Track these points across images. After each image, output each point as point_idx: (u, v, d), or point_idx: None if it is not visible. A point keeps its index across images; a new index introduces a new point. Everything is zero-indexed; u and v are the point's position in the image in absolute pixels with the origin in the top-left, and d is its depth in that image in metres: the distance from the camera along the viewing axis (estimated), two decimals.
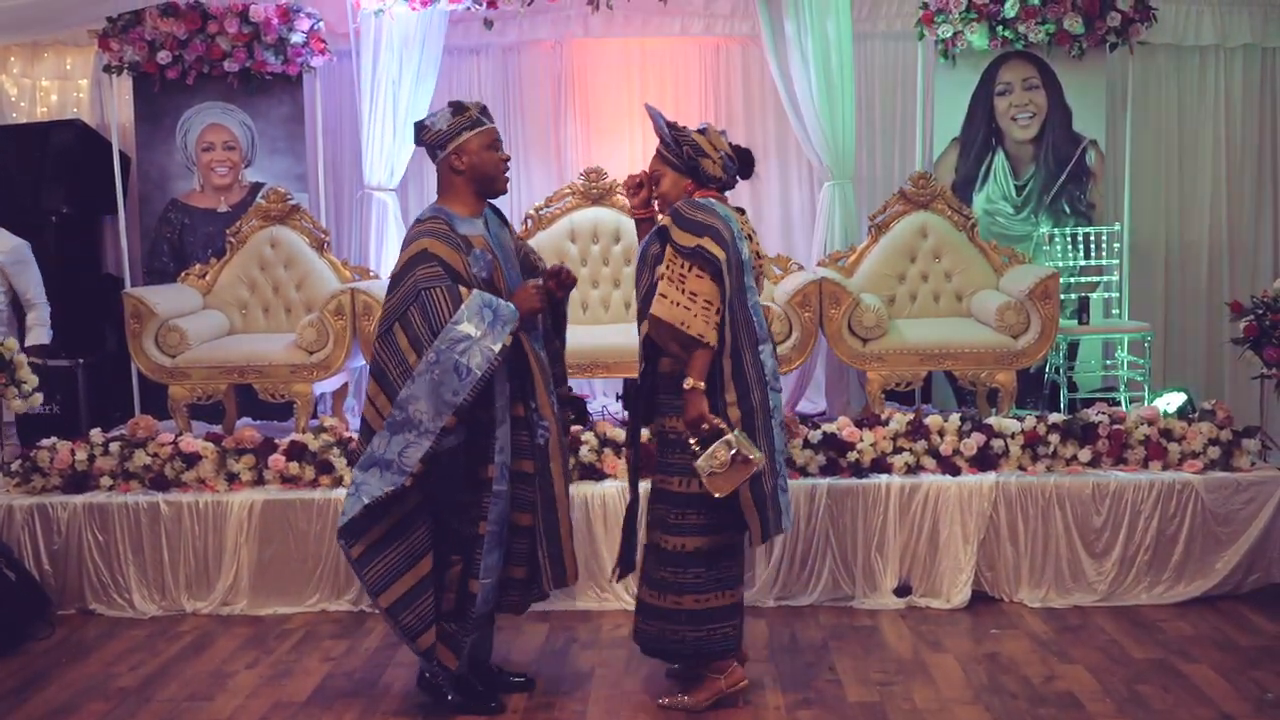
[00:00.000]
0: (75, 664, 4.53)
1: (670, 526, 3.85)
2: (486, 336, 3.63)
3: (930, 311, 6.16)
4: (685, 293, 3.66)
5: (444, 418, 3.62)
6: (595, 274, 6.38)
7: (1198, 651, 4.42)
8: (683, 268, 3.68)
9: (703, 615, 3.85)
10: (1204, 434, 5.15)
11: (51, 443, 5.32)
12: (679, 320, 3.65)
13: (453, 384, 3.61)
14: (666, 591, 3.86)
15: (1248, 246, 7.39)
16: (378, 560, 3.75)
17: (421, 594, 3.77)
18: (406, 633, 3.79)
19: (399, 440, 3.65)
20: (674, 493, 3.84)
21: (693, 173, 3.85)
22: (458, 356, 3.60)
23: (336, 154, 7.30)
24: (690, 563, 3.83)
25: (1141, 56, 6.98)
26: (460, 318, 3.62)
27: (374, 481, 3.67)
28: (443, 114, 3.85)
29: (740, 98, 7.38)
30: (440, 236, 3.73)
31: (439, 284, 3.65)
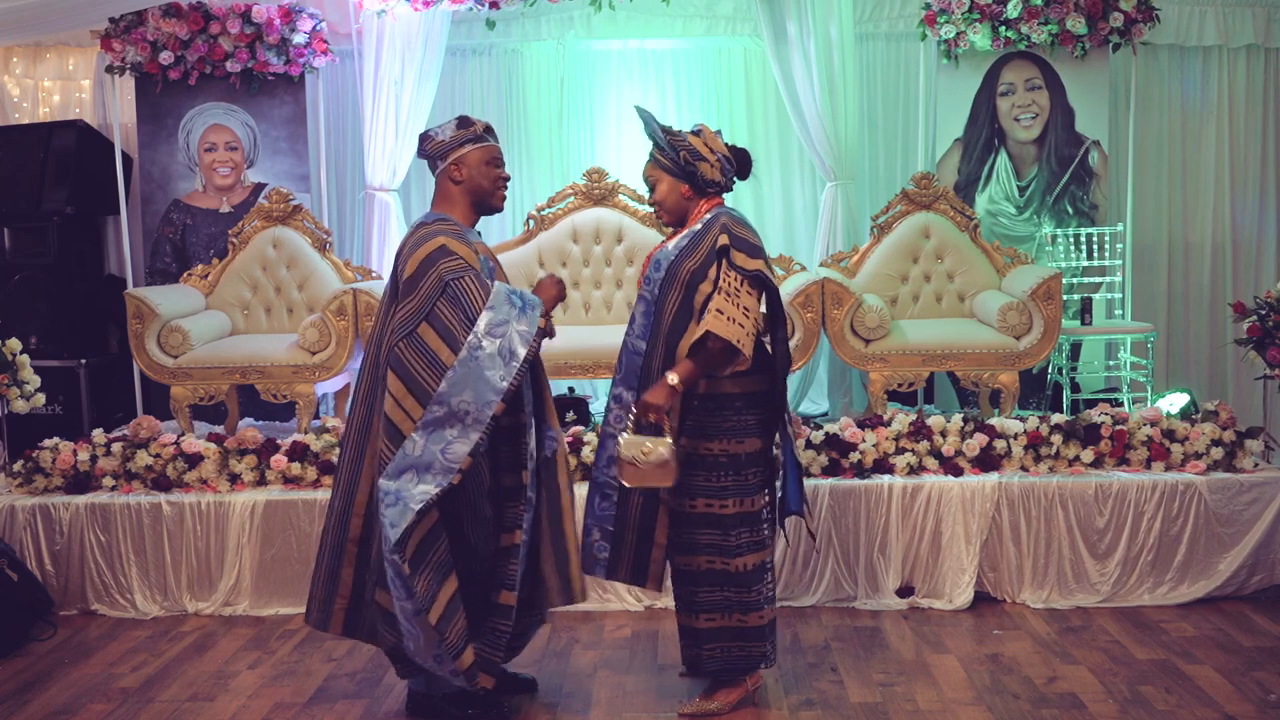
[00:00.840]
0: (77, 664, 4.53)
1: (730, 550, 3.79)
2: (519, 320, 3.56)
3: (933, 312, 6.15)
4: (740, 308, 3.64)
5: (493, 405, 3.50)
6: (597, 274, 6.38)
7: (1201, 653, 4.41)
8: (738, 282, 3.66)
9: (764, 631, 3.87)
10: (1207, 435, 5.15)
11: (54, 443, 5.33)
12: (735, 338, 3.59)
13: (499, 368, 3.51)
14: (732, 611, 3.83)
15: (1251, 247, 7.39)
16: (420, 576, 3.54)
17: (457, 610, 3.61)
18: (451, 651, 3.57)
19: (438, 438, 3.51)
20: (730, 515, 3.79)
21: (689, 178, 3.80)
22: (499, 339, 3.52)
23: (339, 154, 7.30)
24: (751, 581, 3.82)
25: (1144, 57, 6.98)
26: (493, 304, 3.56)
27: (412, 487, 3.50)
28: (448, 126, 3.82)
29: (742, 98, 7.38)
30: (454, 235, 3.69)
31: (466, 274, 3.58)
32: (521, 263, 6.38)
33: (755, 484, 3.83)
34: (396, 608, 3.57)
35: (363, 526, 3.75)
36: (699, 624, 3.86)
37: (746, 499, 3.80)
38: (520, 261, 6.38)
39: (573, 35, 7.24)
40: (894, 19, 7.22)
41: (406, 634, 3.60)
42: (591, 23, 7.09)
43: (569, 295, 6.38)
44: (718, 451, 3.77)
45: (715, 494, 3.78)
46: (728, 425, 3.76)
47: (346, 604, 3.81)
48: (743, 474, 3.79)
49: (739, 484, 3.79)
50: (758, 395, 3.80)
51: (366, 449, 3.73)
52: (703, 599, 3.84)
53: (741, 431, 3.78)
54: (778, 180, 7.42)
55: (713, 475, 3.78)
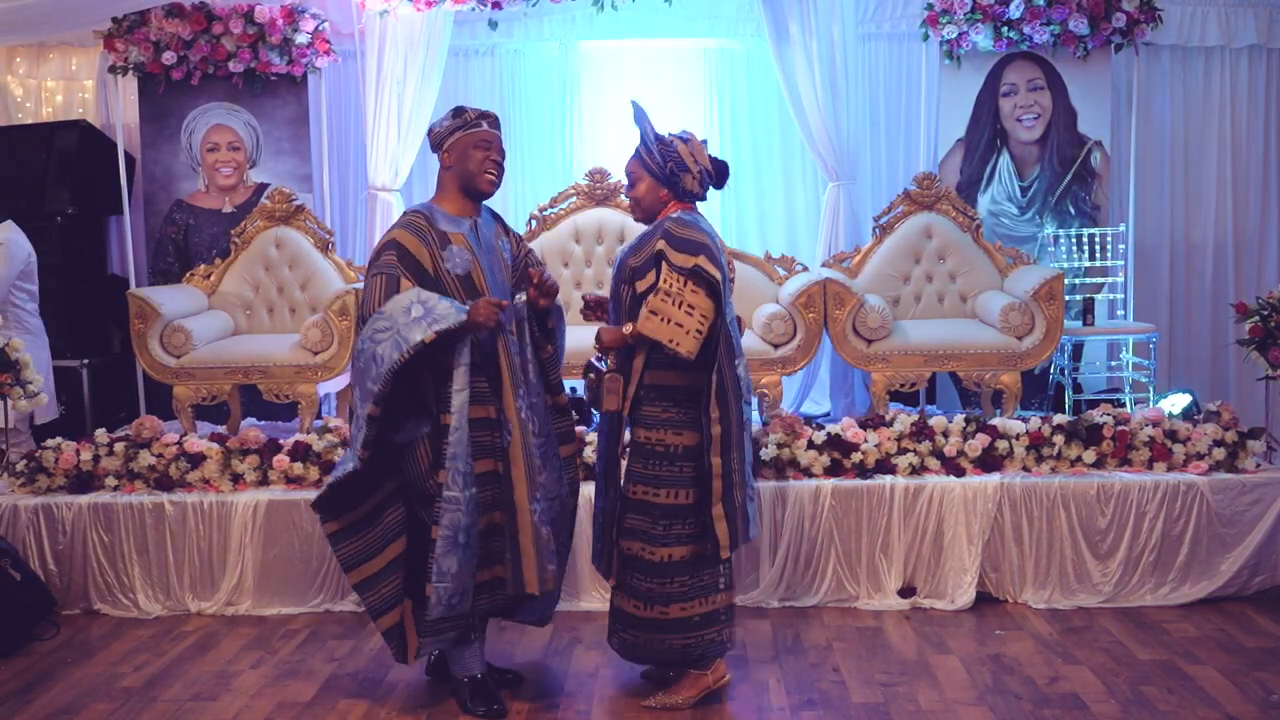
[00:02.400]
0: (80, 664, 4.53)
1: (656, 538, 3.88)
2: (406, 328, 3.66)
3: (935, 312, 6.15)
4: (682, 307, 3.71)
5: (367, 406, 3.71)
6: (599, 274, 6.38)
7: (1202, 653, 4.41)
8: (680, 282, 3.73)
9: (689, 623, 3.90)
10: (1209, 435, 5.14)
11: (57, 443, 5.33)
12: (668, 338, 3.70)
13: (371, 372, 3.71)
14: (653, 603, 3.89)
15: (1253, 247, 7.39)
16: (355, 539, 3.89)
17: (389, 575, 3.90)
18: (370, 611, 3.92)
19: (355, 424, 3.80)
20: (660, 504, 3.87)
21: (671, 185, 3.90)
22: (375, 346, 3.69)
23: (341, 154, 7.31)
24: (675, 572, 3.88)
25: (1146, 57, 6.98)
26: (387, 308, 3.72)
27: (343, 462, 3.86)
28: (445, 116, 3.97)
29: (745, 99, 7.38)
30: (412, 229, 3.84)
31: (382, 273, 3.77)
32: None
33: (689, 477, 3.86)
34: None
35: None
36: (628, 608, 3.95)
37: (678, 490, 3.85)
38: None
39: (575, 36, 7.25)
40: (896, 19, 7.23)
41: None
42: (594, 23, 7.09)
43: (570, 295, 6.38)
44: (655, 441, 3.86)
45: (650, 482, 3.87)
46: (667, 416, 3.84)
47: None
48: (676, 465, 3.85)
49: (671, 475, 3.85)
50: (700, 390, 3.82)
51: None
52: (633, 584, 3.93)
53: (679, 424, 3.84)
54: (780, 180, 7.42)
55: (649, 463, 3.87)
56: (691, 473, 3.86)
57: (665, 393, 3.85)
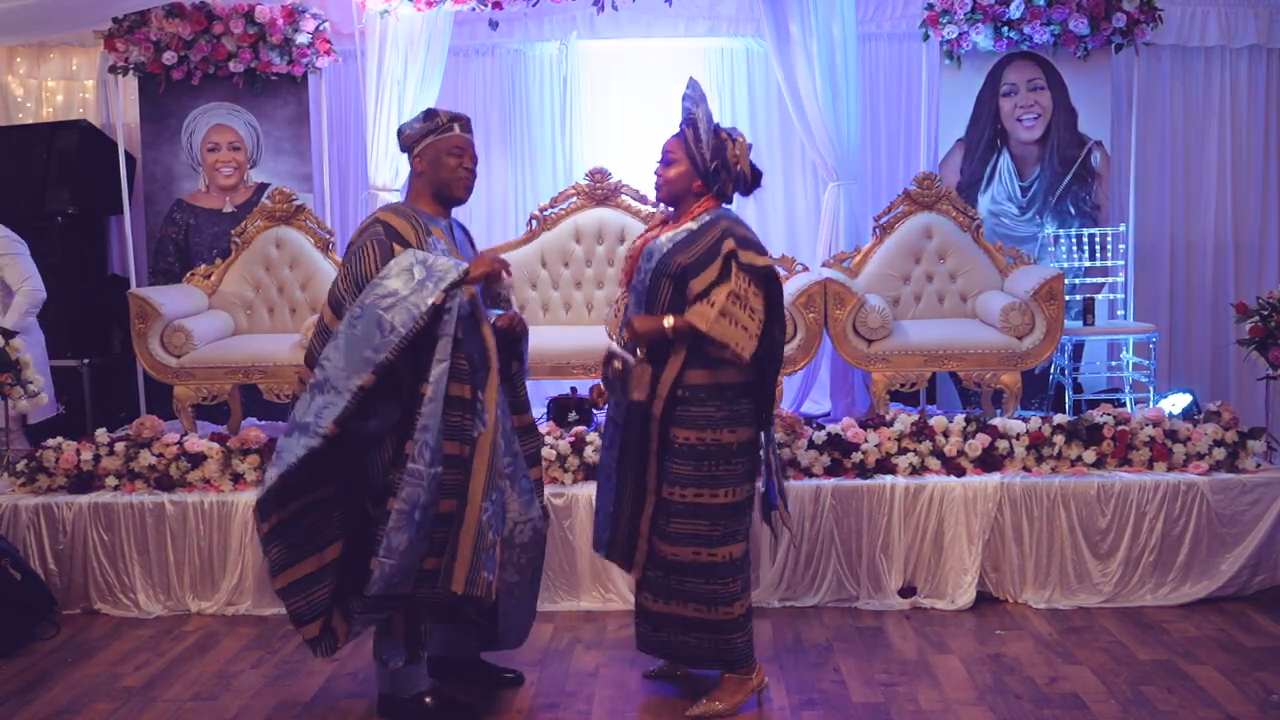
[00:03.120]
0: (80, 664, 4.53)
1: (716, 540, 3.79)
2: (415, 293, 3.50)
3: (935, 312, 6.15)
4: (747, 310, 3.67)
5: (362, 375, 3.47)
6: (600, 274, 6.38)
7: (1203, 653, 4.41)
8: (747, 284, 3.68)
9: (746, 620, 3.89)
10: (1209, 435, 5.15)
11: (57, 442, 5.33)
12: (736, 341, 3.64)
13: (373, 339, 3.48)
14: (719, 604, 3.81)
15: (1253, 247, 7.39)
16: (283, 540, 3.66)
17: (319, 581, 3.70)
18: (293, 618, 3.73)
19: (318, 401, 3.51)
20: (721, 505, 3.79)
21: (707, 180, 3.82)
22: (380, 312, 3.48)
23: (342, 155, 7.31)
24: (737, 570, 3.84)
25: (1147, 58, 6.98)
26: (387, 273, 3.53)
27: (294, 445, 3.52)
28: (416, 119, 3.86)
29: (745, 99, 7.38)
30: (397, 212, 3.74)
31: (370, 239, 3.62)
32: (524, 262, 6.38)
33: (743, 474, 3.83)
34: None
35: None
36: (687, 612, 3.84)
37: (736, 489, 3.81)
38: (523, 261, 6.38)
39: (575, 35, 7.25)
40: (896, 19, 7.24)
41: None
42: (594, 23, 7.10)
43: (570, 296, 6.39)
44: (710, 441, 3.77)
45: (706, 484, 3.78)
46: (721, 415, 3.76)
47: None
48: (734, 463, 3.80)
49: (730, 474, 3.80)
50: (749, 385, 3.80)
51: None
52: (690, 588, 3.82)
53: (735, 421, 3.78)
54: (780, 180, 7.43)
55: (704, 464, 3.78)
56: (745, 469, 3.82)
57: (717, 391, 3.75)
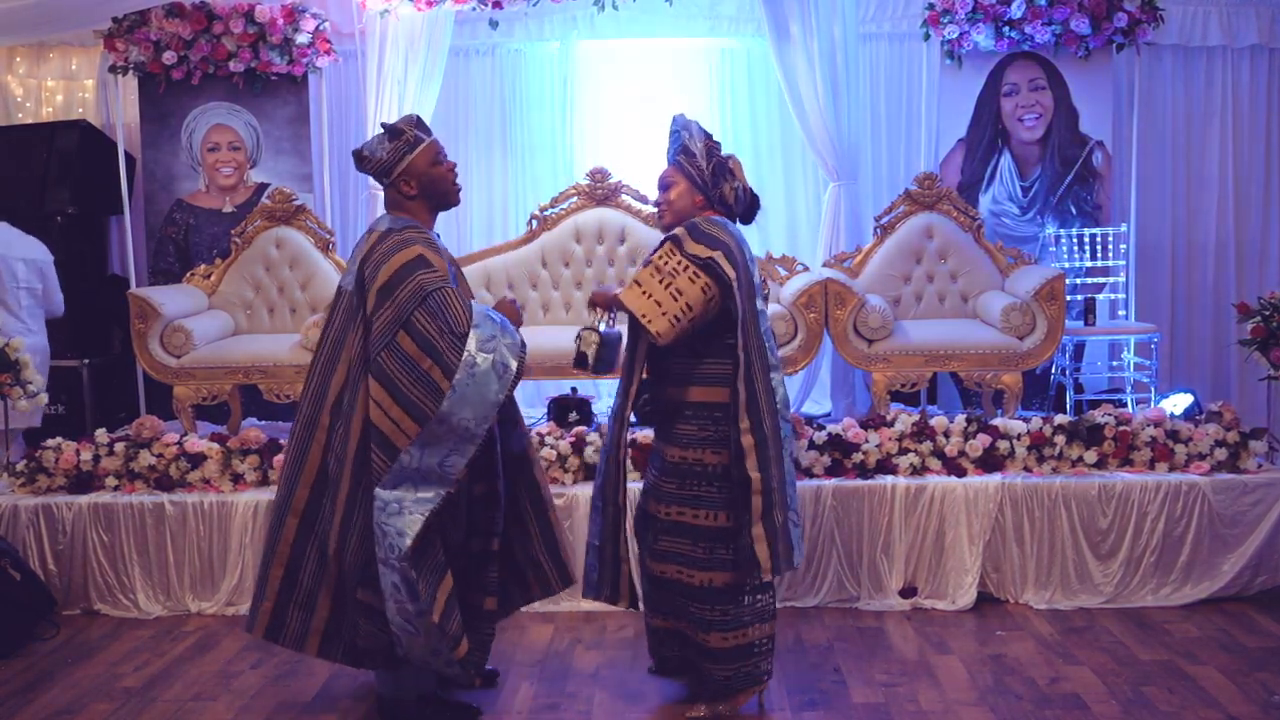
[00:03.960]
0: (80, 664, 4.53)
1: (698, 561, 3.76)
2: (504, 335, 3.58)
3: (936, 312, 6.15)
4: (670, 289, 3.64)
5: (490, 419, 3.55)
6: (600, 274, 6.38)
7: (1204, 654, 4.40)
8: (678, 265, 3.65)
9: (729, 654, 3.79)
10: (1211, 436, 5.14)
11: (57, 443, 5.33)
12: (641, 312, 3.64)
13: (494, 384, 3.53)
14: (697, 629, 3.80)
15: (1255, 247, 7.39)
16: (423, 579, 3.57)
17: (455, 605, 3.64)
18: (452, 642, 3.61)
19: (435, 451, 3.52)
20: (699, 527, 3.75)
21: (706, 191, 3.81)
22: (492, 355, 3.53)
23: (342, 154, 7.30)
24: (715, 599, 3.76)
25: (1148, 57, 6.98)
26: (478, 321, 3.56)
27: (411, 496, 3.52)
28: (378, 142, 3.73)
29: (745, 99, 7.38)
30: (430, 245, 3.66)
31: (445, 286, 3.56)
32: (524, 263, 6.38)
33: (722, 499, 3.74)
34: (392, 608, 3.56)
35: (298, 528, 3.74)
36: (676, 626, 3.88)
37: (716, 513, 3.74)
38: (523, 261, 6.38)
39: (576, 35, 7.25)
40: (897, 19, 7.23)
41: (400, 631, 3.59)
42: (594, 22, 7.10)
43: (571, 296, 6.39)
44: (691, 460, 3.75)
45: (687, 503, 3.76)
46: (705, 434, 3.73)
47: (271, 607, 3.78)
48: (715, 485, 3.75)
49: (708, 495, 3.75)
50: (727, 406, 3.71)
51: (309, 454, 3.72)
52: (678, 605, 3.83)
53: (720, 442, 3.73)
54: (781, 180, 7.42)
55: (686, 483, 3.76)
56: (729, 493, 3.73)
57: (704, 410, 3.73)
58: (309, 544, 3.74)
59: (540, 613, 4.96)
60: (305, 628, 3.76)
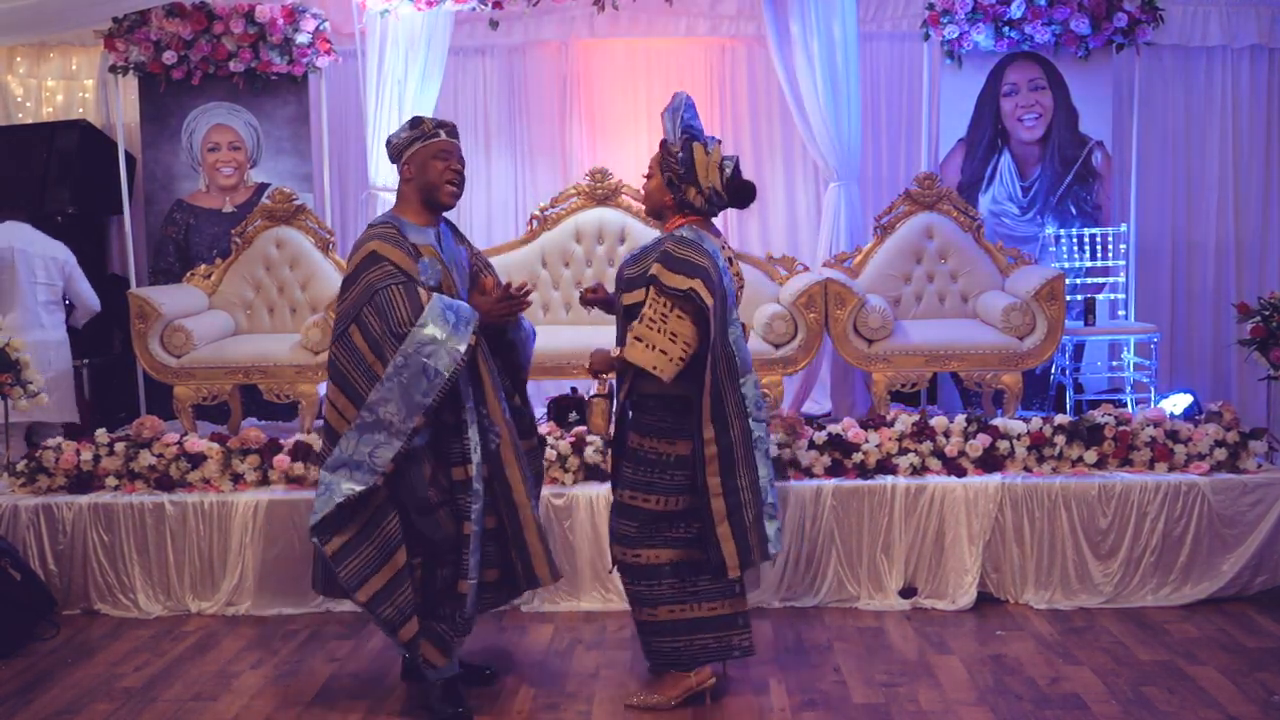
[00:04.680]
0: (80, 664, 4.53)
1: (640, 541, 3.89)
2: (451, 338, 3.67)
3: (936, 313, 6.15)
4: (665, 334, 3.69)
5: (414, 419, 3.68)
6: (600, 274, 6.37)
7: (1204, 654, 4.41)
8: (665, 308, 3.70)
9: (677, 625, 3.91)
10: (1210, 436, 5.14)
11: (57, 442, 5.33)
12: (652, 365, 3.69)
13: (421, 386, 3.66)
14: (642, 605, 3.94)
15: (1255, 247, 7.39)
16: (354, 556, 3.78)
17: (399, 586, 3.78)
18: (387, 625, 3.80)
19: (368, 441, 3.70)
20: (649, 510, 3.86)
21: (674, 191, 3.84)
22: (425, 359, 3.65)
23: (342, 154, 7.31)
24: (662, 575, 3.90)
25: (1148, 57, 6.97)
26: (425, 321, 3.67)
27: (344, 481, 3.72)
28: (403, 128, 3.92)
29: (745, 98, 7.38)
30: (389, 240, 3.77)
31: (393, 283, 3.69)
32: (525, 262, 6.38)
33: (681, 484, 3.85)
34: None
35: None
36: (638, 616, 3.99)
37: (670, 498, 3.85)
38: (523, 261, 6.38)
39: (576, 35, 7.24)
40: (897, 19, 7.24)
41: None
42: (594, 22, 7.10)
43: (571, 296, 6.38)
44: (648, 448, 3.85)
45: (640, 488, 3.86)
46: (662, 425, 3.83)
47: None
48: (668, 474, 3.84)
49: (662, 482, 3.84)
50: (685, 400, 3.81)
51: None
52: (626, 586, 3.99)
53: (673, 433, 3.83)
54: (781, 180, 7.42)
55: (640, 469, 3.86)
56: (684, 480, 3.85)
57: (662, 401, 3.83)
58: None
59: (540, 612, 4.96)
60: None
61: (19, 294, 6.23)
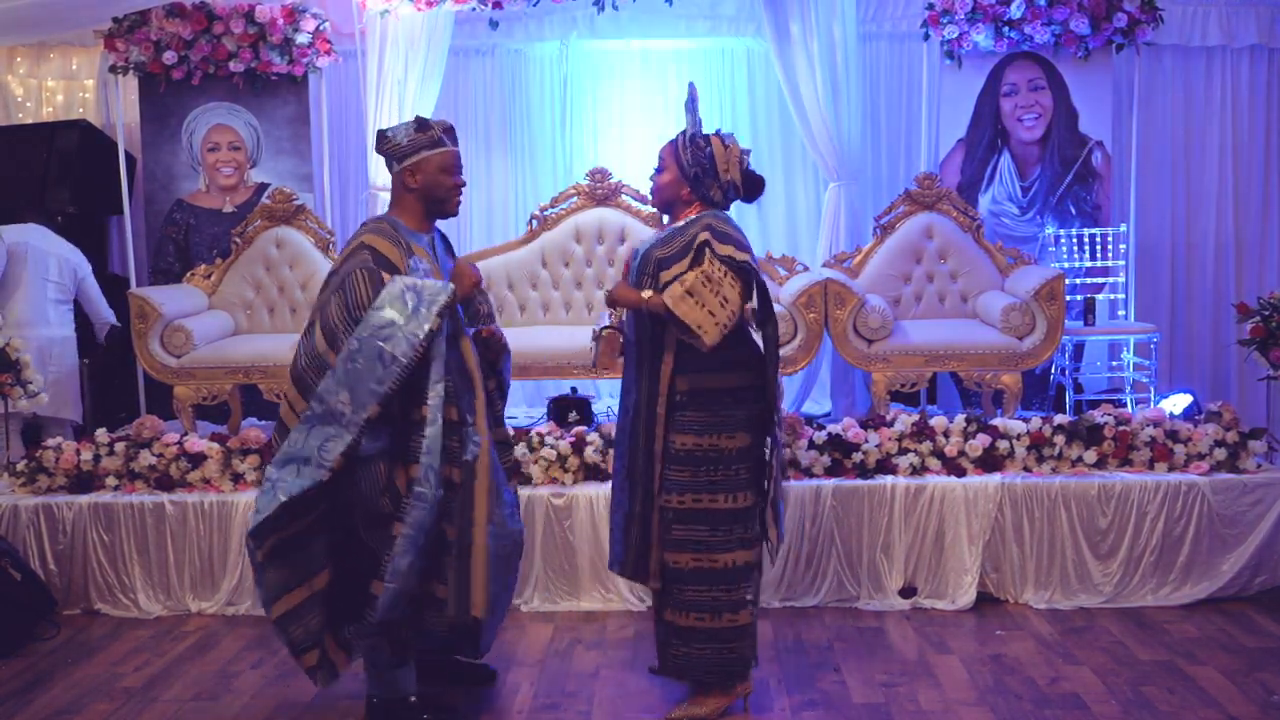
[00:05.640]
0: (80, 664, 4.53)
1: (717, 545, 3.77)
2: (410, 321, 3.48)
3: (935, 313, 6.15)
4: (719, 296, 3.63)
5: (368, 408, 3.45)
6: (600, 274, 6.38)
7: (1203, 653, 4.41)
8: (722, 272, 3.65)
9: (751, 628, 3.86)
10: (1210, 436, 5.14)
11: (57, 442, 5.33)
12: (697, 323, 3.60)
13: (376, 372, 3.45)
14: (723, 611, 3.78)
15: (1254, 247, 7.39)
16: (281, 563, 3.58)
17: (311, 609, 3.63)
18: (293, 647, 3.66)
19: (318, 434, 3.48)
20: (722, 510, 3.76)
21: (694, 185, 3.81)
22: (380, 343, 3.45)
23: (342, 155, 7.31)
24: (741, 577, 3.80)
25: (1148, 58, 6.98)
26: (381, 303, 3.49)
27: (290, 479, 3.49)
28: (405, 128, 3.77)
29: (746, 99, 7.38)
30: (383, 234, 3.67)
31: (362, 269, 3.54)
32: (525, 263, 6.38)
33: (745, 479, 3.80)
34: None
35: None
36: (687, 622, 3.81)
37: (736, 494, 3.78)
38: (523, 261, 6.39)
39: (576, 35, 7.24)
40: (897, 19, 7.23)
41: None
42: (595, 23, 7.09)
43: (571, 296, 6.39)
44: (706, 446, 3.75)
45: (704, 489, 3.76)
46: (716, 420, 3.75)
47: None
48: (732, 469, 3.78)
49: (728, 479, 3.77)
50: (746, 390, 3.79)
51: None
52: (689, 597, 3.80)
53: (731, 426, 3.76)
54: (780, 180, 7.42)
55: (701, 470, 3.76)
56: (747, 474, 3.80)
57: (711, 396, 3.74)
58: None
59: (540, 612, 4.96)
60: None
61: (28, 288, 6.28)
